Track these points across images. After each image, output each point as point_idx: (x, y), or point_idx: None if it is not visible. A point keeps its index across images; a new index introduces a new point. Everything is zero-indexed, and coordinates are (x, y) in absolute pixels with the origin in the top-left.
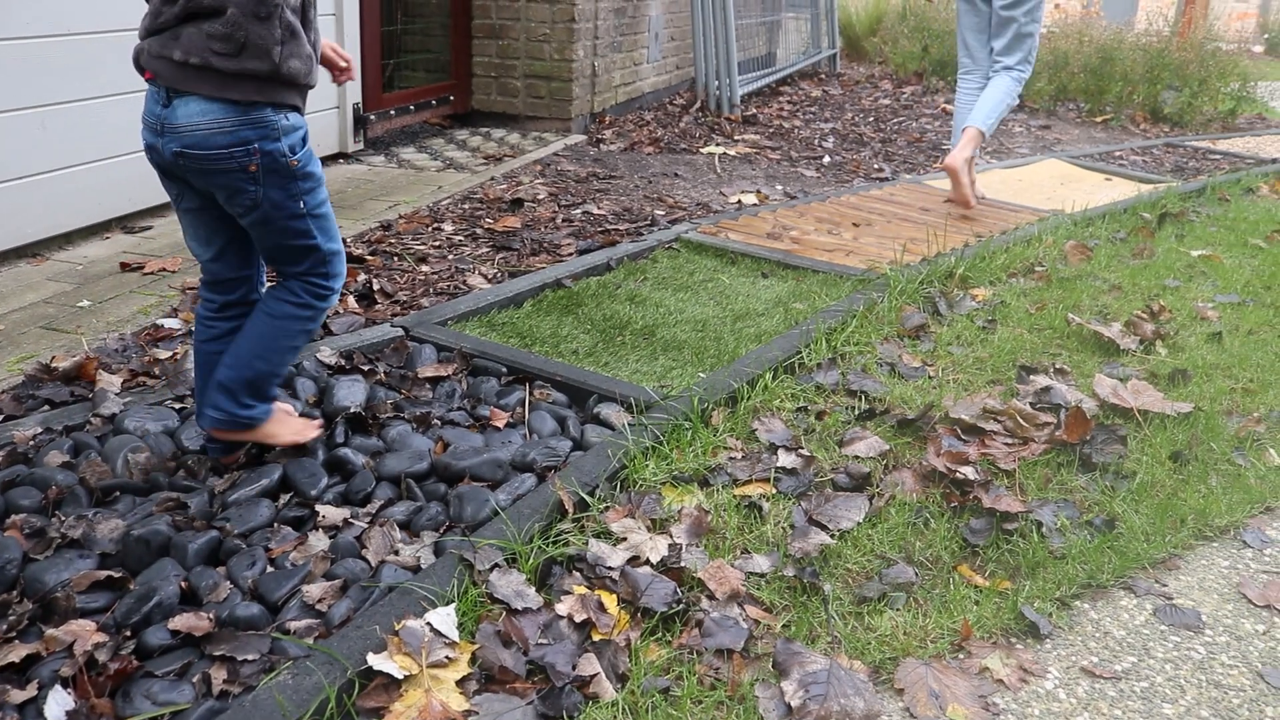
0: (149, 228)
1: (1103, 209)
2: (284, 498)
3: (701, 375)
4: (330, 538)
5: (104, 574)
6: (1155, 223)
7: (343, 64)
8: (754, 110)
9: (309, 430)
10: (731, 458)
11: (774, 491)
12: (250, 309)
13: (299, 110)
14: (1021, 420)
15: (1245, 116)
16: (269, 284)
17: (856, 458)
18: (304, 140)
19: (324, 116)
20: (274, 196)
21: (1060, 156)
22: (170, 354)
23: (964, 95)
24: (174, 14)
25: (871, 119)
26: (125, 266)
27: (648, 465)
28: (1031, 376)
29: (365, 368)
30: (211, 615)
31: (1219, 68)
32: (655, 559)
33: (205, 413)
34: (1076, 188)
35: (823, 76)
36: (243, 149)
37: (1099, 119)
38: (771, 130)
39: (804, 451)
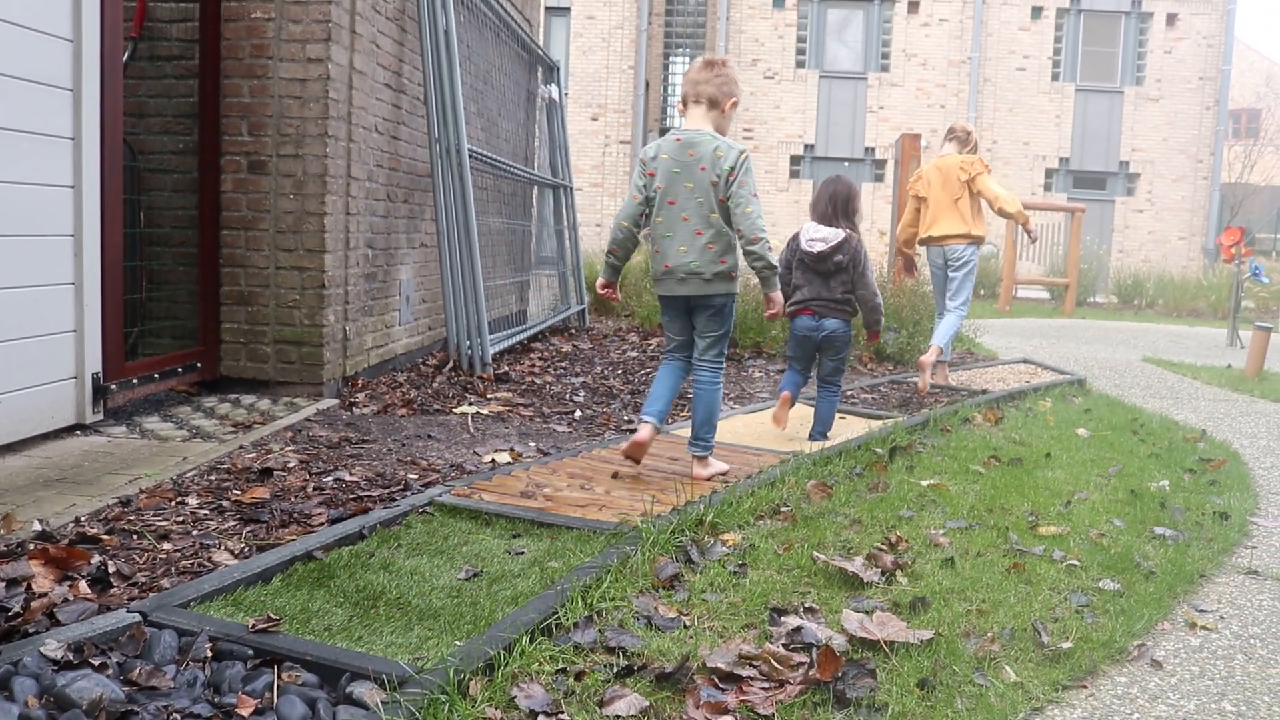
0: None
1: (839, 446)
2: None
3: (458, 644)
4: None
5: None
6: (887, 456)
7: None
8: (506, 368)
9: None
10: None
11: None
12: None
13: None
14: (776, 663)
15: (957, 353)
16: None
17: (618, 717)
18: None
19: (59, 387)
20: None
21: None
22: None
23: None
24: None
25: (620, 371)
26: None
27: None
28: (783, 618)
29: (96, 661)
30: None
31: (929, 310)
32: None
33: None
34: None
35: (573, 331)
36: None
37: None
38: (524, 387)
39: (564, 716)
